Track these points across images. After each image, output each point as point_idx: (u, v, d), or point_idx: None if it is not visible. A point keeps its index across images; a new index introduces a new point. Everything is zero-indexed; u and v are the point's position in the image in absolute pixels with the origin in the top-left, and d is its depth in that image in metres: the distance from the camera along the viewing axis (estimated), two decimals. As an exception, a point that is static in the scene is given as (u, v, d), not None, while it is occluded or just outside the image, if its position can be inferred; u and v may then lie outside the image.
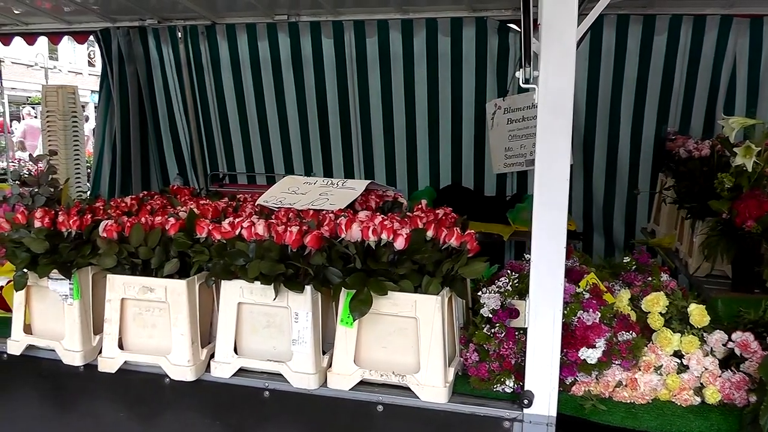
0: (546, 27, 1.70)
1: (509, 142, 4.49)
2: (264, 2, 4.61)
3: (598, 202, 4.97)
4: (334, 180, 2.38)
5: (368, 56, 4.99)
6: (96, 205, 2.36)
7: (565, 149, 1.73)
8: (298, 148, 5.44)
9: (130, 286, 2.06)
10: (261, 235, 1.88)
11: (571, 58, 1.70)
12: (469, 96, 4.96)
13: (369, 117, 5.19)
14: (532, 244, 1.78)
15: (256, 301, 1.93)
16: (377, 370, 1.86)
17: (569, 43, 1.69)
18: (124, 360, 2.09)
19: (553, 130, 1.73)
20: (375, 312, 1.82)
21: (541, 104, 1.73)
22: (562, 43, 1.69)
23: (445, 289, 1.87)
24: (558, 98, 1.71)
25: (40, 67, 22.69)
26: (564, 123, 1.72)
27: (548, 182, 1.74)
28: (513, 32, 4.72)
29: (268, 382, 1.95)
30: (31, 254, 2.12)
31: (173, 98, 5.67)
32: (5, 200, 2.78)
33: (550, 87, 1.72)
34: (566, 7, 1.68)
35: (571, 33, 1.69)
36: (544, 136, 1.74)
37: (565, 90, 1.71)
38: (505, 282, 2.07)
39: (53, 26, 5.40)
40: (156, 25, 5.31)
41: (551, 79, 1.71)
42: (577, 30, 1.70)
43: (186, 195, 2.63)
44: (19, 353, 2.24)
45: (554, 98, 1.71)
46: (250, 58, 5.25)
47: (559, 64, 1.70)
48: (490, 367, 1.93)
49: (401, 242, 1.81)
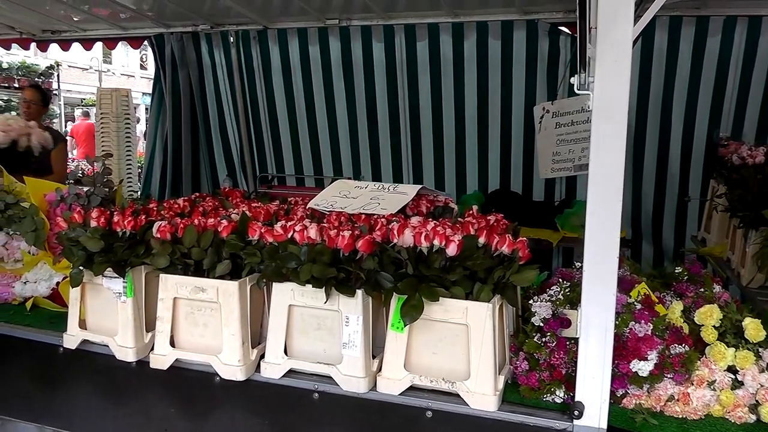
0: (602, 32, 1.66)
1: (557, 147, 4.44)
2: (316, 7, 4.65)
3: (647, 209, 4.87)
4: (385, 184, 2.39)
5: (418, 60, 5.00)
6: (149, 206, 2.41)
7: (619, 156, 1.69)
8: (347, 151, 5.49)
9: (183, 286, 2.10)
10: (313, 238, 1.89)
11: (627, 63, 1.66)
12: (518, 99, 4.93)
13: (418, 120, 5.20)
14: (585, 252, 1.75)
15: (307, 303, 1.94)
16: (427, 376, 1.85)
17: (625, 48, 1.66)
18: (175, 358, 2.12)
19: (607, 137, 1.69)
20: (426, 318, 1.82)
21: (595, 110, 1.70)
22: (618, 47, 1.65)
23: (496, 296, 1.86)
24: (613, 104, 1.68)
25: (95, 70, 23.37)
26: (618, 130, 1.68)
27: (602, 190, 1.70)
28: (564, 35, 4.67)
29: (318, 384, 1.96)
30: (86, 252, 2.18)
31: (224, 101, 5.77)
32: (62, 199, 2.86)
33: (604, 93, 1.68)
34: (623, 12, 1.64)
35: (627, 37, 1.65)
36: (598, 143, 1.70)
37: (620, 96, 1.67)
38: (557, 290, 2.04)
39: (110, 32, 5.57)
40: (208, 30, 5.41)
41: (606, 85, 1.68)
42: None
43: (237, 197, 2.67)
44: (75, 347, 2.30)
45: (609, 104, 1.68)
46: (300, 62, 5.31)
47: (614, 69, 1.66)
48: (540, 376, 1.91)
49: (453, 248, 1.80)
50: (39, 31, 5.67)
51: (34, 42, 5.82)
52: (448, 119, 5.07)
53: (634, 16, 1.66)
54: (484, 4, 4.50)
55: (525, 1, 4.40)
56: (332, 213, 2.20)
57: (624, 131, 1.68)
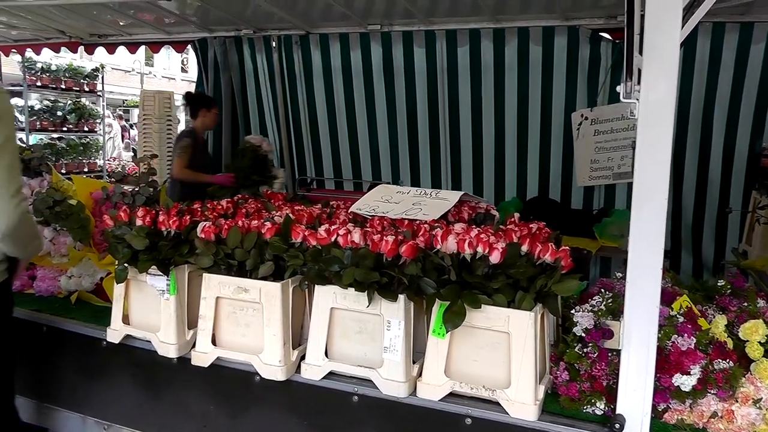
0: (649, 39, 1.65)
1: (596, 154, 4.40)
2: (358, 12, 4.69)
3: (687, 220, 4.79)
4: (427, 190, 2.39)
5: (459, 65, 5.01)
6: (193, 207, 2.45)
7: (665, 165, 1.67)
8: (386, 155, 5.52)
9: (226, 286, 2.13)
10: (357, 243, 1.91)
11: (674, 70, 1.65)
12: (558, 106, 4.90)
13: (458, 126, 5.21)
14: (628, 263, 1.73)
15: (349, 307, 1.96)
16: (467, 383, 1.85)
17: (672, 55, 1.64)
18: (216, 356, 2.15)
19: (652, 146, 1.67)
20: (467, 325, 1.82)
21: (641, 119, 1.68)
22: (665, 54, 1.64)
23: (538, 305, 1.85)
24: (659, 112, 1.66)
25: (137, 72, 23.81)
26: (664, 138, 1.67)
27: (647, 200, 1.68)
28: (605, 41, 4.64)
29: (358, 387, 1.97)
30: (131, 250, 2.22)
31: (265, 105, 5.85)
32: (108, 198, 2.92)
33: (650, 101, 1.67)
34: (670, 17, 1.63)
35: (674, 44, 1.64)
36: (643, 152, 1.69)
37: (666, 104, 1.66)
38: (599, 301, 2.03)
39: (154, 36, 5.71)
40: (251, 35, 5.49)
41: (652, 92, 1.66)
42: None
43: (280, 200, 2.70)
44: (118, 342, 2.35)
45: (655, 112, 1.67)
46: (342, 67, 5.37)
47: (661, 76, 1.65)
48: (581, 387, 1.89)
49: (497, 256, 1.80)
50: (87, 35, 5.82)
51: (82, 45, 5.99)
52: (487, 125, 5.06)
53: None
54: (526, 10, 4.49)
55: (567, 7, 4.38)
56: (374, 218, 2.22)
57: (670, 140, 1.67)
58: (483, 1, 4.24)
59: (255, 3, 4.50)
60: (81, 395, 2.52)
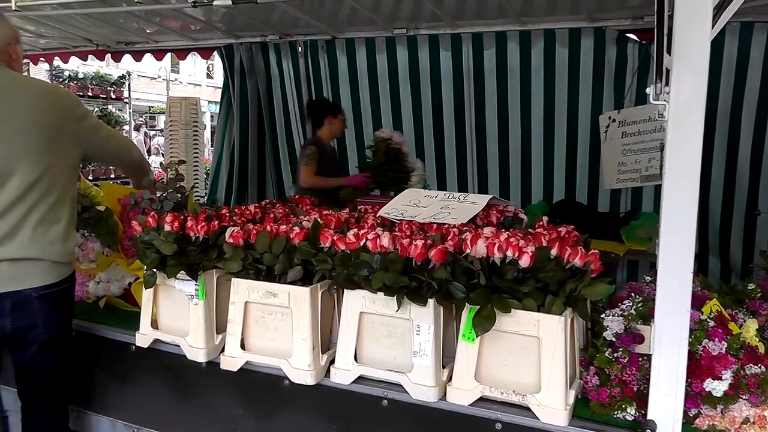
0: (678, 40, 1.63)
1: (623, 157, 4.36)
2: (384, 16, 4.70)
3: (714, 222, 4.72)
4: (455, 194, 2.39)
5: (485, 68, 5.01)
6: (221, 212, 2.47)
7: (695, 167, 1.66)
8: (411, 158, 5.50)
9: (254, 291, 2.14)
10: (386, 247, 1.91)
11: (704, 70, 1.63)
12: (585, 108, 4.88)
13: (484, 129, 5.20)
14: (658, 267, 1.71)
15: (378, 311, 1.96)
16: (497, 388, 1.84)
17: (703, 55, 1.62)
18: (246, 360, 2.16)
19: (683, 148, 1.65)
20: (497, 329, 1.81)
21: (671, 120, 1.67)
22: (695, 54, 1.62)
23: (568, 309, 1.84)
24: (689, 113, 1.64)
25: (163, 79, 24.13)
26: (695, 139, 1.65)
27: (676, 202, 1.67)
28: (631, 42, 4.60)
29: (387, 392, 1.97)
30: (160, 255, 2.24)
31: (291, 110, 5.89)
32: (136, 204, 2.96)
33: (681, 102, 1.65)
34: (700, 16, 1.61)
35: (704, 46, 1.62)
36: (673, 155, 1.67)
37: (696, 104, 1.64)
38: (629, 305, 2.01)
39: (180, 43, 5.78)
40: (277, 40, 5.53)
41: (682, 93, 1.65)
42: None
43: (307, 204, 2.72)
44: (147, 346, 2.37)
45: (685, 113, 1.65)
46: (368, 71, 5.39)
47: (691, 77, 1.63)
48: (611, 392, 1.87)
49: (526, 260, 1.79)
50: (114, 43, 5.91)
51: (109, 53, 6.08)
52: (513, 128, 5.05)
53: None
54: (552, 12, 4.47)
55: (593, 8, 4.34)
56: (403, 222, 2.22)
57: (700, 141, 1.64)
58: (509, 3, 4.23)
59: (281, 9, 4.52)
60: (110, 399, 2.55)
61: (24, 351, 2.27)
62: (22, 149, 2.18)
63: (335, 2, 4.44)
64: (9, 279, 2.17)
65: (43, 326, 2.25)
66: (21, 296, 2.19)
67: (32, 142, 2.19)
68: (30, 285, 2.20)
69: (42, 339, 2.26)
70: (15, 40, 2.35)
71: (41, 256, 2.22)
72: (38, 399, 2.34)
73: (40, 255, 2.21)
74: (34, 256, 2.20)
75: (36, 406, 2.35)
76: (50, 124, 2.24)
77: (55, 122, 2.25)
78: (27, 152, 2.18)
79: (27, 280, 2.20)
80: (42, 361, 2.29)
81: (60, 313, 2.33)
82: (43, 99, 2.26)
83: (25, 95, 2.24)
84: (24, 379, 2.33)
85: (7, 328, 2.20)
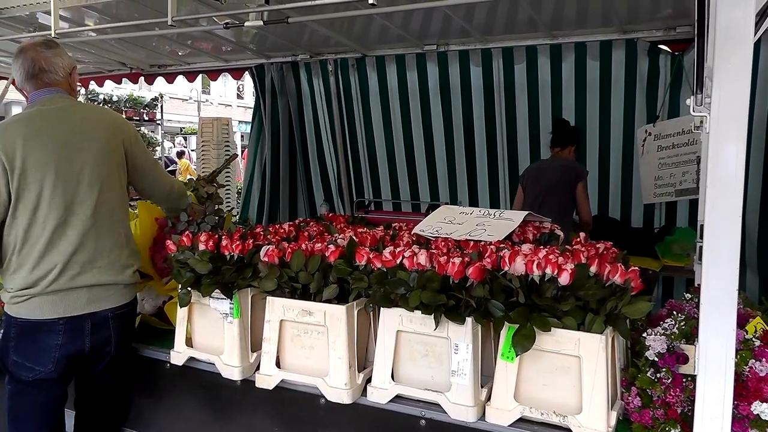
0: (720, 49, 1.59)
1: (659, 171, 4.30)
2: (414, 33, 4.72)
3: (751, 237, 4.60)
4: (491, 210, 2.37)
5: (516, 83, 4.98)
6: (256, 231, 2.49)
7: (739, 179, 1.62)
8: (443, 175, 5.50)
9: (290, 309, 2.14)
10: (423, 264, 1.90)
11: (746, 81, 1.58)
12: (617, 122, 4.81)
13: (516, 144, 5.17)
14: (702, 284, 1.67)
15: (416, 330, 1.94)
16: (537, 408, 1.81)
17: (745, 65, 1.58)
18: (281, 378, 2.16)
19: (726, 158, 1.61)
20: (536, 348, 1.78)
21: (713, 131, 1.63)
22: (737, 65, 1.58)
23: (608, 328, 1.80)
24: (732, 123, 1.60)
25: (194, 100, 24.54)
26: (738, 149, 1.61)
27: (720, 216, 1.63)
28: (663, 54, 4.53)
29: (425, 411, 1.94)
30: (195, 274, 2.26)
31: (322, 128, 5.92)
32: (173, 227, 2.97)
33: (722, 112, 1.61)
34: (742, 27, 1.57)
35: (747, 54, 1.57)
36: (714, 166, 1.63)
37: (739, 114, 1.60)
38: (671, 323, 1.97)
39: (212, 64, 5.85)
40: (308, 59, 5.57)
41: (725, 102, 1.60)
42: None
43: (342, 222, 2.72)
44: (181, 364, 2.39)
45: (727, 123, 1.60)
46: (398, 87, 5.39)
47: (733, 86, 1.59)
48: (654, 414, 1.82)
49: (566, 277, 1.77)
50: (147, 66, 6.03)
51: (142, 76, 6.20)
52: (545, 143, 4.99)
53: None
54: (583, 24, 4.43)
55: (624, 20, 4.29)
56: (438, 239, 2.21)
57: (743, 151, 1.61)
58: (539, 17, 4.21)
59: (312, 28, 4.57)
60: (145, 416, 2.57)
61: (96, 365, 2.38)
62: (95, 177, 2.30)
63: (365, 20, 4.46)
64: (88, 302, 2.29)
65: (115, 343, 2.37)
66: (98, 317, 2.31)
67: (102, 171, 2.32)
68: (107, 306, 2.33)
69: (112, 354, 2.38)
70: (74, 69, 2.47)
71: (117, 281, 2.34)
72: (97, 406, 2.46)
73: (116, 280, 2.34)
74: (111, 282, 2.33)
75: (93, 411, 2.47)
76: (117, 153, 2.38)
77: (120, 151, 2.39)
78: (98, 180, 2.30)
79: (104, 302, 2.32)
80: (105, 372, 2.41)
81: (129, 330, 2.47)
82: (110, 129, 2.40)
83: (96, 125, 2.37)
84: (86, 386, 2.44)
85: (86, 348, 2.31)
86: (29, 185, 2.20)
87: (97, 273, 2.29)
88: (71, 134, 2.28)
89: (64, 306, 2.24)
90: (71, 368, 2.32)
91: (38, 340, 2.24)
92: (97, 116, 2.45)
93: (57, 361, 2.25)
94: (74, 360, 2.30)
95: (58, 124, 2.29)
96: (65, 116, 2.32)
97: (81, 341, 2.28)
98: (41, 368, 2.24)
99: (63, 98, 2.37)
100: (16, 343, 2.26)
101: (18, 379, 2.28)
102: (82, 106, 2.46)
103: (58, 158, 2.23)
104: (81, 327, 2.27)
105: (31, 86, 2.35)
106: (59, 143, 2.25)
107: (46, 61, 2.33)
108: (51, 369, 2.24)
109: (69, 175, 2.24)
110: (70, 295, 2.25)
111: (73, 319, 2.25)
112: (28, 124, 2.26)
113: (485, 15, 4.31)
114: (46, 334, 2.23)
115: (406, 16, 4.37)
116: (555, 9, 4.09)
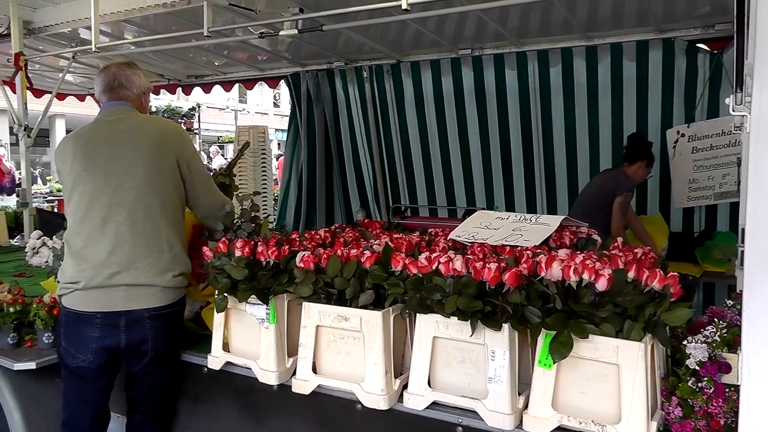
0: (762, 46, 1.56)
1: (694, 173, 4.19)
2: (449, 38, 4.73)
3: (786, 241, 4.48)
4: (527, 215, 2.35)
5: (551, 85, 4.95)
6: (292, 237, 2.51)
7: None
8: (479, 180, 5.49)
9: (326, 315, 2.15)
10: (459, 270, 1.89)
11: None
12: (654, 123, 4.74)
13: (552, 148, 5.13)
14: (744, 290, 1.63)
15: (452, 336, 1.93)
16: (575, 417, 1.78)
17: None
18: (317, 383, 2.17)
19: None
20: (574, 355, 1.76)
21: (754, 130, 1.59)
22: None
23: (647, 335, 1.77)
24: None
25: (231, 109, 24.88)
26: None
27: (762, 221, 1.58)
28: (702, 53, 4.45)
29: (462, 418, 1.93)
30: (231, 280, 2.29)
31: (358, 134, 5.95)
32: (210, 235, 3.02)
33: (764, 112, 1.56)
34: None
35: None
36: (757, 168, 1.58)
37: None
38: (712, 331, 1.92)
39: (248, 73, 5.98)
40: (343, 66, 5.63)
41: (766, 103, 1.56)
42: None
43: (377, 228, 2.73)
44: (218, 368, 2.42)
45: (769, 123, 1.57)
46: (433, 92, 5.40)
47: None
48: (696, 425, 1.77)
49: (603, 283, 1.74)
50: (184, 77, 6.16)
51: (180, 87, 6.33)
52: (581, 146, 4.95)
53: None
54: (618, 25, 4.39)
55: (661, 19, 4.25)
56: (474, 244, 2.20)
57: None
58: (574, 18, 4.18)
59: (346, 35, 4.61)
60: (182, 419, 2.61)
61: (135, 364, 2.44)
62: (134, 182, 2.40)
63: (399, 26, 4.49)
64: (124, 299, 2.37)
65: (152, 343, 2.41)
66: (134, 315, 2.38)
67: (141, 176, 2.41)
68: (142, 306, 2.39)
69: (151, 354, 2.42)
70: (148, 90, 2.64)
71: (154, 283, 2.40)
72: (140, 408, 2.53)
73: (154, 282, 2.39)
74: (148, 283, 2.39)
75: (137, 414, 2.53)
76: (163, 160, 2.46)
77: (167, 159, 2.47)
78: (136, 185, 2.40)
79: (140, 302, 2.39)
80: (147, 373, 2.46)
81: (169, 333, 2.49)
82: (159, 137, 2.50)
83: (144, 132, 2.48)
84: (130, 387, 2.51)
85: (122, 344, 2.39)
86: (78, 186, 2.41)
87: (135, 273, 2.37)
88: (119, 140, 2.44)
89: (102, 302, 2.35)
90: (110, 362, 2.42)
91: (80, 330, 2.38)
92: (148, 124, 2.55)
93: (95, 352, 2.36)
94: (111, 353, 2.40)
95: (107, 131, 2.47)
96: (116, 124, 2.49)
97: (117, 336, 2.37)
98: (82, 356, 2.36)
99: (125, 110, 2.53)
100: (65, 330, 2.43)
101: (65, 364, 2.43)
102: (137, 116, 2.56)
103: (103, 162, 2.40)
104: (116, 323, 2.36)
105: (106, 98, 2.56)
106: (106, 149, 2.43)
107: (125, 77, 2.55)
108: (90, 359, 2.36)
109: (111, 178, 2.39)
110: (107, 293, 2.35)
111: (109, 315, 2.35)
112: (83, 132, 2.51)
113: (519, 17, 4.30)
114: (86, 325, 2.36)
115: (440, 21, 4.37)
116: (590, 10, 4.06)
